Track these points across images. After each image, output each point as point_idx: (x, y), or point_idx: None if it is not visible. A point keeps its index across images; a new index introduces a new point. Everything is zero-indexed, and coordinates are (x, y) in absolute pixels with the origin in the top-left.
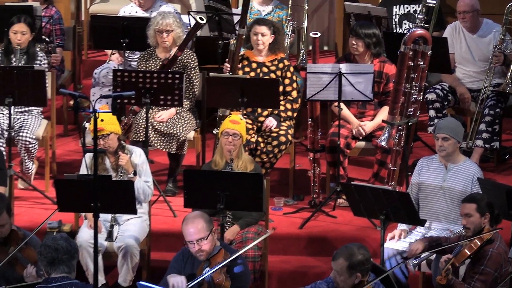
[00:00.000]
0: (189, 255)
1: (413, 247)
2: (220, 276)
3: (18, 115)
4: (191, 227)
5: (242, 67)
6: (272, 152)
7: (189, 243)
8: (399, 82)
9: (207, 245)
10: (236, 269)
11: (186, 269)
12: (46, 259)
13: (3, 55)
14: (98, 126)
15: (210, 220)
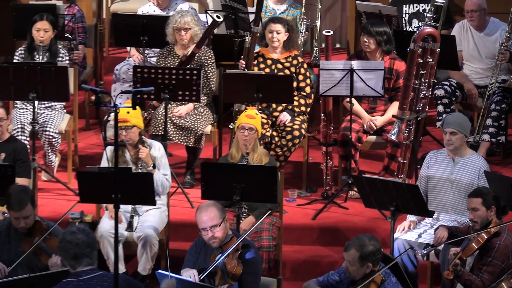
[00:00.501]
0: (202, 246)
1: (439, 235)
2: (232, 261)
3: (41, 110)
4: (204, 215)
5: (258, 64)
6: (286, 145)
7: (202, 230)
8: (409, 79)
9: (220, 232)
10: (248, 255)
11: (199, 259)
12: (69, 255)
13: (27, 52)
14: (124, 117)
15: (222, 208)
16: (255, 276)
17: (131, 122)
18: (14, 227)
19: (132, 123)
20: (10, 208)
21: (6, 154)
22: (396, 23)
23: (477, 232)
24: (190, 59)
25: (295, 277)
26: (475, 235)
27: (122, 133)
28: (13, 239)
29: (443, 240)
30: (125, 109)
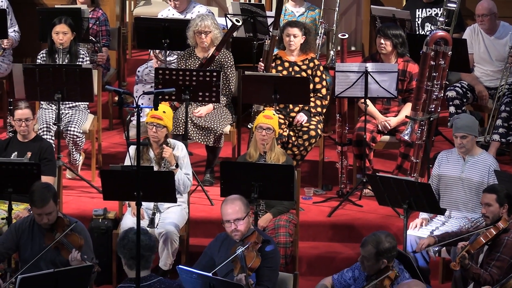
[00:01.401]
0: (224, 239)
1: (421, 241)
2: (252, 253)
3: (66, 110)
4: (229, 208)
5: (275, 66)
6: (302, 145)
7: (226, 222)
8: (422, 80)
9: (243, 225)
10: (267, 249)
11: (220, 252)
12: (130, 254)
13: (47, 55)
14: (159, 115)
15: (247, 203)
16: (272, 271)
17: (164, 121)
18: (38, 223)
19: (165, 123)
20: (33, 205)
21: (32, 153)
22: (409, 27)
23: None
24: (210, 61)
25: (311, 272)
26: (484, 230)
27: (152, 129)
28: (36, 235)
29: (422, 247)
30: (162, 108)
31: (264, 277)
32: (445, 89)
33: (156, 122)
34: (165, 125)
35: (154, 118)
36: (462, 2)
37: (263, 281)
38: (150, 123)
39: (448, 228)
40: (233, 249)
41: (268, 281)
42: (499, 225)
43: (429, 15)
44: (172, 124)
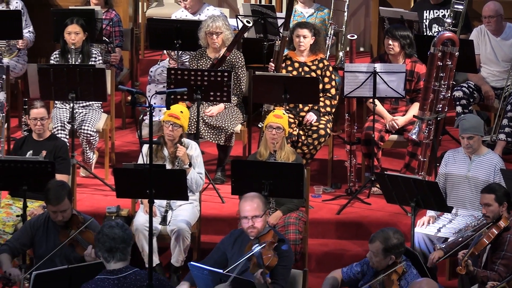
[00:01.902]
0: (238, 236)
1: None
2: (268, 252)
3: (80, 109)
4: (248, 205)
5: (285, 67)
6: (312, 144)
7: (243, 218)
8: (429, 81)
9: (260, 223)
10: (283, 247)
11: (234, 248)
12: (104, 247)
13: (60, 55)
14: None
15: (266, 202)
16: (287, 270)
17: (180, 121)
18: (52, 221)
19: (181, 122)
20: (49, 202)
21: (47, 152)
22: (417, 28)
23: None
24: (222, 62)
25: (320, 269)
26: (486, 230)
27: (168, 127)
28: (51, 232)
29: (433, 261)
30: (179, 108)
31: (279, 276)
32: (452, 89)
33: (173, 121)
34: (181, 124)
35: (172, 117)
36: (469, 4)
37: (278, 279)
38: (166, 121)
39: (455, 225)
40: (248, 246)
41: (282, 279)
42: (500, 224)
43: (437, 17)
44: (187, 124)
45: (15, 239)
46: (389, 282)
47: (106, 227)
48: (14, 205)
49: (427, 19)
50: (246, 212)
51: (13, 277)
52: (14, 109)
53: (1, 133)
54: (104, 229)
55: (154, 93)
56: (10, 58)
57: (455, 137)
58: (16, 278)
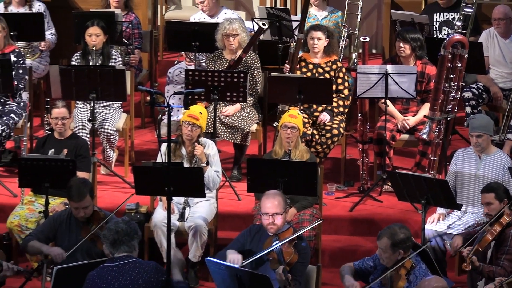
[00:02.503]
0: (257, 231)
1: (455, 244)
2: (289, 249)
3: (100, 109)
4: (269, 202)
5: (300, 68)
6: (325, 143)
7: (264, 214)
8: (439, 82)
9: (280, 220)
10: (302, 245)
11: (252, 243)
12: (109, 241)
13: (81, 56)
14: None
15: (286, 200)
16: (304, 266)
17: (199, 122)
18: (74, 217)
19: (200, 123)
20: (71, 199)
21: (68, 150)
22: (428, 31)
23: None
24: (238, 63)
25: (333, 264)
26: (489, 227)
27: (187, 128)
28: (73, 227)
29: (458, 247)
30: (199, 109)
31: (297, 272)
32: (462, 90)
33: (192, 121)
34: (200, 125)
35: (191, 118)
36: (478, 7)
37: (296, 275)
38: (186, 121)
39: (464, 222)
40: (267, 242)
41: (300, 276)
42: (503, 220)
43: (447, 19)
44: (205, 124)
45: (39, 231)
46: (397, 276)
47: (112, 223)
48: (37, 202)
49: (437, 22)
50: (267, 209)
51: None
52: (36, 108)
53: (24, 132)
54: (109, 225)
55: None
56: (33, 59)
57: (464, 136)
58: (58, 257)
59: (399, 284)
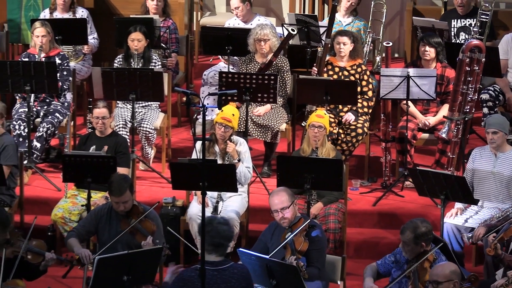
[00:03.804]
0: (275, 228)
1: (476, 232)
2: (300, 239)
3: (139, 109)
4: (276, 199)
5: (327, 71)
6: (350, 141)
7: (274, 212)
8: (458, 84)
9: (289, 213)
10: (313, 233)
11: (273, 239)
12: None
13: (124, 59)
14: (228, 118)
15: (291, 193)
16: (319, 252)
17: (232, 124)
18: (115, 210)
19: (232, 125)
20: (112, 194)
21: (108, 147)
22: (447, 36)
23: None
24: (268, 66)
25: (357, 255)
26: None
27: (221, 129)
28: (114, 221)
29: (479, 237)
30: (231, 111)
31: (313, 259)
32: (479, 92)
33: (225, 123)
34: (232, 126)
35: (224, 120)
36: (494, 14)
37: (313, 262)
38: (219, 123)
39: (481, 217)
40: (283, 235)
41: (317, 261)
42: None
43: (464, 25)
44: (237, 124)
45: (81, 226)
46: (422, 269)
47: (216, 222)
48: (79, 196)
49: (455, 28)
50: (275, 206)
51: (83, 258)
52: (79, 108)
53: (67, 130)
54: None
55: (207, 94)
56: (76, 62)
57: (481, 135)
58: (85, 259)
59: (426, 277)
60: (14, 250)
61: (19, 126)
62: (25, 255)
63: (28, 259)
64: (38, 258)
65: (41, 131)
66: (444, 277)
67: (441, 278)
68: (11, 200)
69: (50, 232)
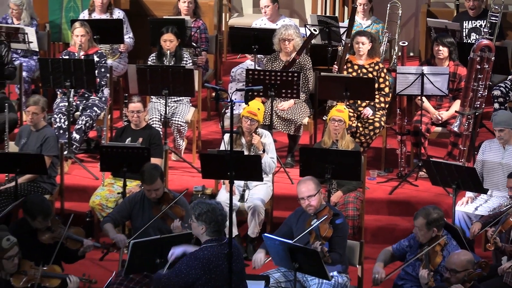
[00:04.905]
0: (301, 213)
1: (472, 229)
2: (325, 225)
3: (172, 104)
4: (303, 187)
5: (346, 68)
6: (368, 134)
7: (301, 199)
8: (469, 81)
9: (315, 201)
10: (337, 221)
11: (298, 224)
12: (216, 226)
13: (157, 57)
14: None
15: (318, 183)
16: (342, 239)
17: (257, 117)
18: (147, 197)
19: (258, 118)
20: (144, 182)
21: (143, 139)
22: (459, 36)
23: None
24: (292, 64)
25: (374, 240)
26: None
27: (247, 122)
28: (146, 207)
29: (475, 233)
30: (257, 105)
31: (336, 245)
32: (490, 89)
33: (251, 117)
34: (257, 120)
35: (250, 114)
36: (503, 16)
37: (335, 248)
38: (245, 117)
39: (490, 205)
40: (308, 222)
41: (338, 248)
42: None
43: (475, 26)
44: (262, 118)
45: (116, 212)
46: (434, 252)
47: (215, 210)
48: (115, 184)
49: (466, 29)
50: (302, 194)
51: (118, 242)
52: (116, 103)
53: (104, 123)
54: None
55: (235, 90)
56: (113, 60)
57: (490, 129)
58: (121, 243)
59: (436, 260)
60: (54, 236)
61: (60, 119)
62: (64, 241)
63: (67, 245)
64: (76, 244)
65: (80, 124)
66: (462, 266)
67: (459, 267)
68: (52, 188)
69: (88, 218)
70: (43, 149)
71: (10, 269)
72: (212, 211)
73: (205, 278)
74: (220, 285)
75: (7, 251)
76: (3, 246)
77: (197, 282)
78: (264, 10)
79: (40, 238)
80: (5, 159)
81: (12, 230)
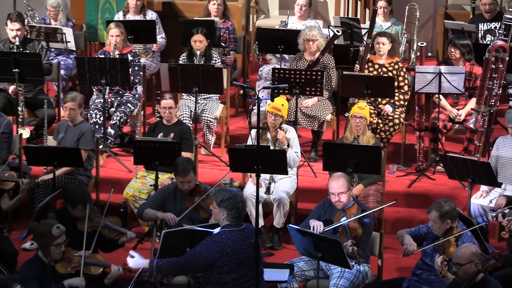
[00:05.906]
0: (329, 205)
1: (499, 202)
2: (355, 224)
3: (201, 100)
4: (335, 183)
5: (368, 68)
6: (388, 130)
7: (331, 194)
8: (484, 80)
9: (345, 198)
10: (366, 220)
11: (325, 215)
12: (237, 213)
13: (187, 57)
14: (278, 107)
15: (349, 180)
16: (367, 235)
17: (281, 112)
18: (180, 189)
19: (282, 114)
20: (177, 174)
21: (174, 134)
22: (475, 38)
23: None
24: (316, 63)
25: (394, 232)
26: None
27: (271, 117)
28: (178, 198)
29: (501, 206)
30: (281, 101)
31: (362, 241)
32: (505, 87)
33: (275, 112)
34: (281, 115)
35: (274, 109)
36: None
37: (361, 244)
38: (270, 112)
39: None
40: (336, 215)
41: (364, 244)
42: None
43: (490, 28)
44: (287, 114)
45: (151, 201)
46: (448, 243)
47: (236, 200)
48: (148, 177)
49: (482, 30)
50: (333, 189)
51: (169, 220)
52: (149, 99)
53: (138, 118)
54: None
55: (262, 88)
56: (146, 59)
57: (505, 126)
58: (171, 221)
59: (450, 249)
60: (93, 225)
61: (96, 115)
62: (102, 230)
63: (105, 234)
64: (113, 233)
65: (114, 119)
66: (466, 259)
67: (463, 260)
68: (88, 180)
69: (122, 209)
70: (79, 143)
71: (56, 255)
72: (233, 198)
73: (222, 260)
74: (236, 268)
75: (56, 238)
76: (53, 234)
77: (216, 264)
78: (300, 7)
79: (79, 227)
80: (44, 152)
81: (53, 218)
